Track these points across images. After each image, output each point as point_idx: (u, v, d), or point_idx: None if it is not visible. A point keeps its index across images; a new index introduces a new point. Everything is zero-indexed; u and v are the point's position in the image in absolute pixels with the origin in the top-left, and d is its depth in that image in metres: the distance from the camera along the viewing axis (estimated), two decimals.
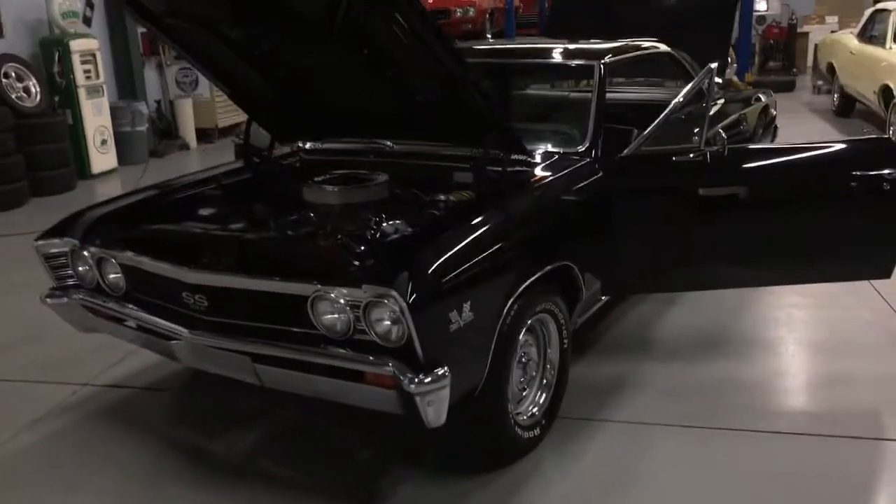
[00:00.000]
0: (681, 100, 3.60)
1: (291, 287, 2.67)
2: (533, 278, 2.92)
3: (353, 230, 3.03)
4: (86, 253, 3.24)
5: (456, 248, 2.66)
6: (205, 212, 3.55)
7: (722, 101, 5.04)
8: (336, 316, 2.62)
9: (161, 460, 3.22)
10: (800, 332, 4.26)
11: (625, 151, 3.56)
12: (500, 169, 3.30)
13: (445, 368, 2.50)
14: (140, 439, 3.39)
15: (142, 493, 3.04)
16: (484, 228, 2.82)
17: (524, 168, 3.39)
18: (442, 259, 2.59)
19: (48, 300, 3.37)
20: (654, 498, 2.90)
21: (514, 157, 3.38)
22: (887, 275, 3.59)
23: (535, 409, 3.17)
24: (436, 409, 2.53)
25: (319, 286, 2.60)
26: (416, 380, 2.44)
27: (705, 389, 3.62)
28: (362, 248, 2.81)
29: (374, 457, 3.23)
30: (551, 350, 3.23)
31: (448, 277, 2.56)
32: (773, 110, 6.14)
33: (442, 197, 3.23)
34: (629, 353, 3.97)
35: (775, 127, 6.32)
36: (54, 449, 3.37)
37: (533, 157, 3.45)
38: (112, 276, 3.21)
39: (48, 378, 3.99)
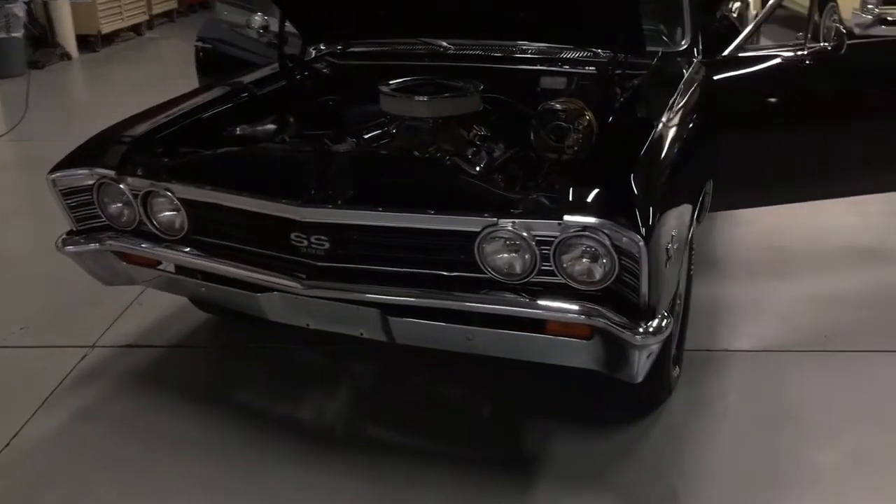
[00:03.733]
0: None
1: (460, 222, 2.14)
2: (702, 194, 2.53)
3: (486, 150, 2.52)
4: (123, 186, 2.53)
5: (660, 169, 2.22)
6: (267, 129, 2.90)
7: None
8: (513, 255, 2.13)
9: (242, 435, 2.65)
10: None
11: (727, 51, 3.17)
12: (617, 72, 2.83)
13: (666, 312, 2.09)
14: (201, 410, 2.78)
15: (240, 482, 2.45)
16: (665, 144, 2.37)
17: (639, 71, 2.93)
18: (654, 182, 2.15)
19: (69, 247, 2.65)
20: (823, 428, 2.65)
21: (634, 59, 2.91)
22: None
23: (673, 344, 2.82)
24: (651, 359, 2.13)
25: (497, 220, 2.10)
26: (643, 329, 2.02)
27: (816, 310, 3.39)
28: (538, 172, 2.31)
29: (497, 412, 2.80)
30: (681, 277, 2.87)
31: (665, 203, 2.11)
32: None
33: (558, 108, 2.71)
34: (723, 276, 3.68)
35: None
36: (91, 432, 2.70)
37: (651, 58, 2.99)
38: (165, 214, 2.53)
39: (39, 342, 3.25)
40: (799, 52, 3.13)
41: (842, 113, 3.15)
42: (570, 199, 2.07)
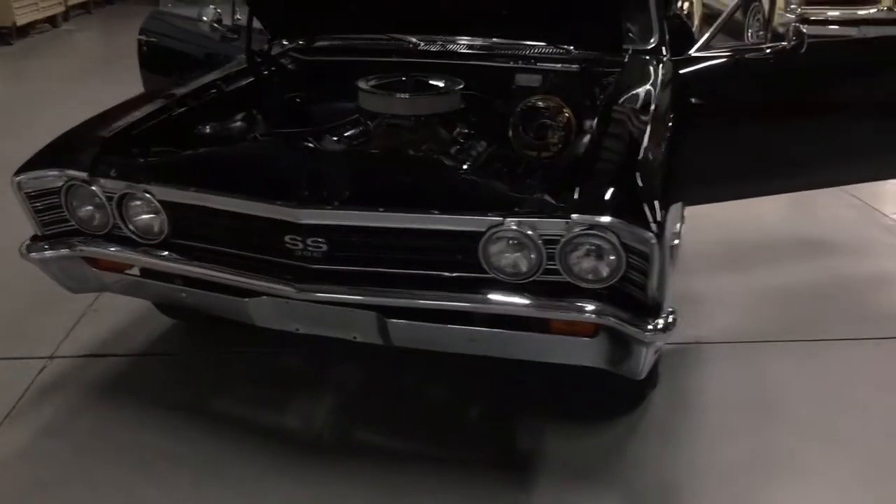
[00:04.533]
0: None
1: (465, 222, 2.10)
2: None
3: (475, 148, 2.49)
4: (96, 188, 2.39)
5: (660, 167, 2.23)
6: (242, 127, 2.79)
7: None
8: (518, 255, 2.11)
9: (222, 446, 2.54)
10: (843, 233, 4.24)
11: (693, 49, 3.23)
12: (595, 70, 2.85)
13: (672, 308, 2.10)
14: (175, 422, 2.66)
15: (223, 492, 2.37)
16: (659, 142, 2.38)
17: (612, 69, 2.95)
18: (657, 180, 2.15)
19: (34, 254, 2.49)
20: (804, 416, 2.72)
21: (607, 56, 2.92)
22: None
23: None
24: (656, 355, 2.14)
25: (503, 220, 2.07)
26: (652, 325, 2.02)
27: (777, 301, 3.49)
28: (530, 170, 2.29)
29: (486, 411, 2.77)
30: None
31: (667, 200, 2.12)
32: None
33: (540, 105, 2.70)
34: (683, 270, 3.72)
35: None
36: (57, 449, 2.55)
37: (623, 56, 3.01)
38: (142, 217, 2.40)
39: None
40: (762, 51, 3.20)
41: (805, 108, 3.24)
42: (577, 197, 2.06)
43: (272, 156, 2.46)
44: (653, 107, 2.58)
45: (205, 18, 3.79)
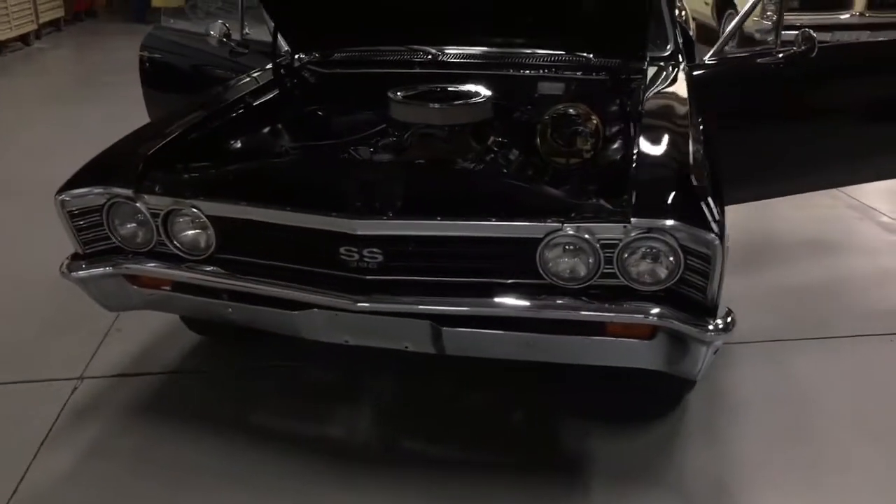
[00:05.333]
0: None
1: (523, 229, 2.13)
2: None
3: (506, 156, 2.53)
4: (140, 205, 2.38)
5: (708, 170, 2.27)
6: (279, 139, 2.79)
7: None
8: (576, 260, 2.14)
9: (274, 460, 2.53)
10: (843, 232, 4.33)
11: (708, 55, 3.31)
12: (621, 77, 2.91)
13: (729, 308, 2.15)
14: (220, 438, 2.64)
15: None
16: (701, 146, 2.43)
17: (635, 76, 3.01)
18: (709, 183, 2.20)
19: (77, 273, 2.46)
20: (846, 412, 2.78)
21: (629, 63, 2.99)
22: None
23: None
24: (715, 355, 2.18)
25: (562, 225, 2.10)
26: (713, 326, 2.07)
27: (795, 300, 3.56)
28: (582, 176, 2.32)
29: (526, 415, 2.79)
30: None
31: (721, 202, 2.17)
32: None
33: (571, 112, 2.74)
34: None
35: None
36: (105, 470, 2.52)
37: (643, 63, 3.07)
38: (188, 233, 2.40)
39: (17, 376, 3.01)
40: (774, 56, 3.29)
41: (818, 111, 3.33)
42: (636, 201, 2.10)
43: (321, 168, 2.47)
44: (688, 111, 2.64)
45: (212, 33, 3.78)
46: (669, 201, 2.09)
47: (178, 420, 2.75)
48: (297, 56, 3.29)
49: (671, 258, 2.07)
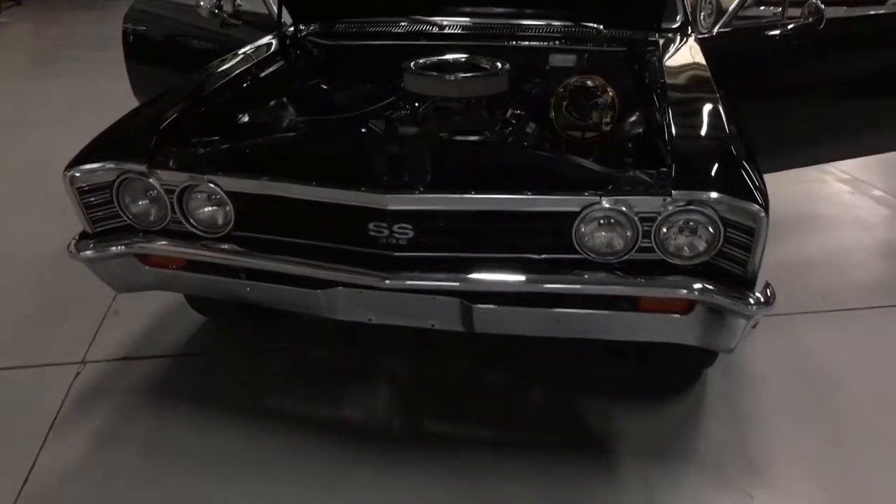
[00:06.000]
0: None
1: (560, 202, 2.07)
2: None
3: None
4: (153, 181, 2.27)
5: (744, 141, 2.23)
6: (300, 112, 2.70)
7: None
8: (612, 234, 2.09)
9: (293, 442, 2.46)
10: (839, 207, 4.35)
11: (717, 25, 3.26)
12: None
13: (767, 281, 2.12)
14: (234, 421, 2.56)
15: (309, 491, 2.30)
16: (732, 117, 2.39)
17: (648, 47, 2.96)
18: (748, 154, 2.16)
19: (86, 252, 2.35)
20: (861, 385, 2.77)
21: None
22: None
23: None
24: (754, 329, 2.15)
25: (600, 198, 2.05)
26: (754, 299, 2.04)
27: (802, 274, 3.55)
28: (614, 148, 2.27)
29: (547, 393, 2.75)
30: None
31: (761, 175, 2.13)
32: None
33: (589, 84, 2.67)
34: None
35: None
36: (119, 457, 2.43)
37: (656, 35, 3.02)
38: (205, 210, 2.30)
39: (15, 362, 2.89)
40: (784, 27, 3.26)
41: (829, 82, 3.31)
42: (676, 173, 2.05)
43: (344, 142, 2.38)
44: (711, 82, 2.60)
45: (202, 4, 3.66)
46: (713, 173, 2.05)
47: (187, 404, 2.66)
48: (299, 27, 3.17)
49: (710, 231, 2.03)
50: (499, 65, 2.75)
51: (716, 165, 2.08)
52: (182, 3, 4.46)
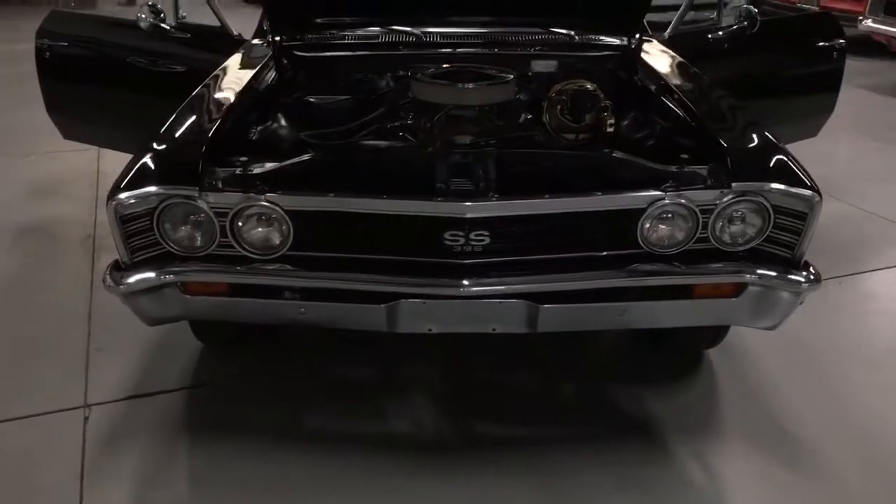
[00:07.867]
0: None
1: (628, 200, 2.18)
2: None
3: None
4: (201, 203, 2.15)
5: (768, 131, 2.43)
6: (338, 126, 2.64)
7: None
8: (674, 227, 2.23)
9: (349, 461, 2.42)
10: None
11: (667, 31, 3.51)
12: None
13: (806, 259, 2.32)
14: (278, 447, 2.47)
15: None
16: (738, 105, 2.59)
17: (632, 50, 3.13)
18: (780, 143, 2.36)
19: (125, 284, 2.17)
20: (864, 351, 3.05)
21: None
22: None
23: None
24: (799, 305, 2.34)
25: (664, 195, 2.17)
26: (805, 279, 2.23)
27: None
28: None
29: (577, 388, 2.85)
30: None
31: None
32: None
33: (589, 87, 2.80)
34: None
35: None
36: (174, 498, 2.28)
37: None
38: (258, 231, 2.20)
39: (9, 414, 2.62)
40: (721, 31, 3.56)
41: (757, 77, 3.59)
42: (733, 166, 2.20)
43: (400, 154, 2.37)
44: (707, 78, 2.80)
45: (143, 16, 3.50)
46: (769, 164, 2.22)
47: (218, 436, 2.55)
48: (280, 38, 3.07)
49: (762, 218, 2.21)
50: (505, 73, 2.81)
51: (767, 156, 2.26)
52: (103, 17, 4.19)
